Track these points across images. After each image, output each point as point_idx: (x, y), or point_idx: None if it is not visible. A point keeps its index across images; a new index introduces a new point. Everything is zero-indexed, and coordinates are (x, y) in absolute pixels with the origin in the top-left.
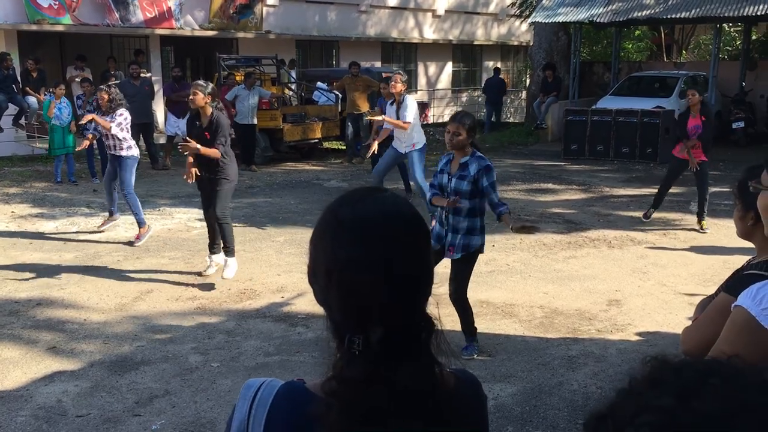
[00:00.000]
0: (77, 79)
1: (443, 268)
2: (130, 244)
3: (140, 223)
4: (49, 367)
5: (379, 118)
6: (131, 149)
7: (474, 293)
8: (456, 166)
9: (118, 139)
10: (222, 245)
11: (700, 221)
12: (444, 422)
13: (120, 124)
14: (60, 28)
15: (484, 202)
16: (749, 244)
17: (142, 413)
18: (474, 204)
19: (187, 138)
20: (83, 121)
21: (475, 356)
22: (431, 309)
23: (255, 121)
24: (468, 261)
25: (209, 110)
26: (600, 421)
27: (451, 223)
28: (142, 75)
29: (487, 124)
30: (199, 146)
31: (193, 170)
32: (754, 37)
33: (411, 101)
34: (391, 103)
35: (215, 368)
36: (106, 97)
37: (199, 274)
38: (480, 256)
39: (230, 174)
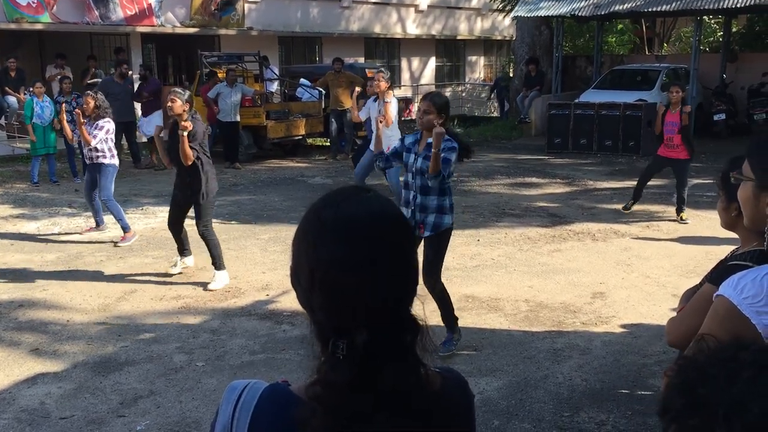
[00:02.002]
0: (59, 77)
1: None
2: (114, 244)
3: (125, 229)
4: (32, 369)
5: (361, 116)
6: (113, 158)
7: (459, 288)
8: (423, 146)
9: (99, 148)
10: (211, 261)
11: (679, 214)
12: (432, 423)
13: (103, 140)
14: (39, 26)
15: (449, 180)
16: (732, 235)
17: (126, 414)
18: (443, 183)
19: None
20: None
21: (454, 350)
22: (417, 308)
23: (238, 119)
24: (440, 241)
25: (185, 117)
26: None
27: (419, 202)
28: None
29: (505, 116)
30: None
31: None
32: (734, 30)
33: (394, 101)
34: (374, 100)
35: (200, 367)
36: (92, 103)
37: (166, 274)
38: (465, 250)
39: (209, 185)
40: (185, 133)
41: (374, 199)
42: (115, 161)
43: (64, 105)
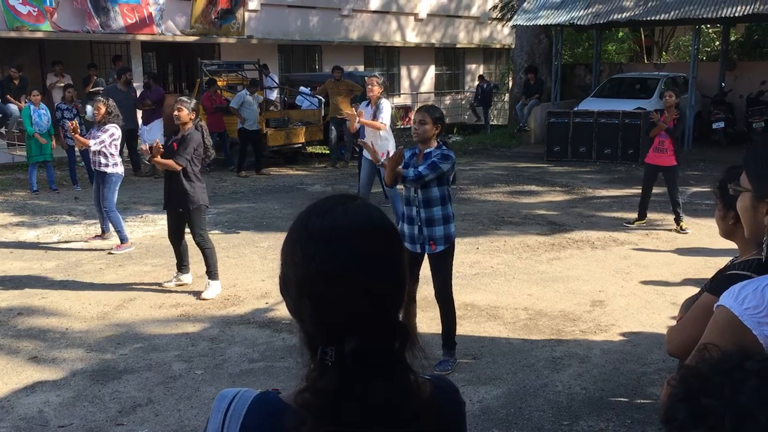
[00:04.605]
0: (59, 85)
1: (426, 270)
2: (109, 251)
3: (122, 240)
4: (31, 377)
5: (353, 114)
6: (117, 166)
7: (458, 296)
8: (420, 159)
9: (104, 154)
10: (205, 270)
11: (678, 223)
12: (421, 431)
13: (103, 141)
14: (40, 34)
15: (450, 187)
16: (731, 244)
17: (125, 422)
18: (443, 192)
19: (143, 148)
20: (70, 131)
21: (450, 371)
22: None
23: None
24: (450, 252)
25: (189, 125)
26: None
27: (424, 216)
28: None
29: (488, 127)
30: (148, 150)
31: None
32: (732, 38)
33: (387, 105)
34: (367, 104)
35: (199, 375)
36: (103, 109)
37: (160, 284)
38: (464, 258)
39: (197, 197)
40: (150, 157)
41: (361, 207)
42: (119, 170)
43: (75, 122)
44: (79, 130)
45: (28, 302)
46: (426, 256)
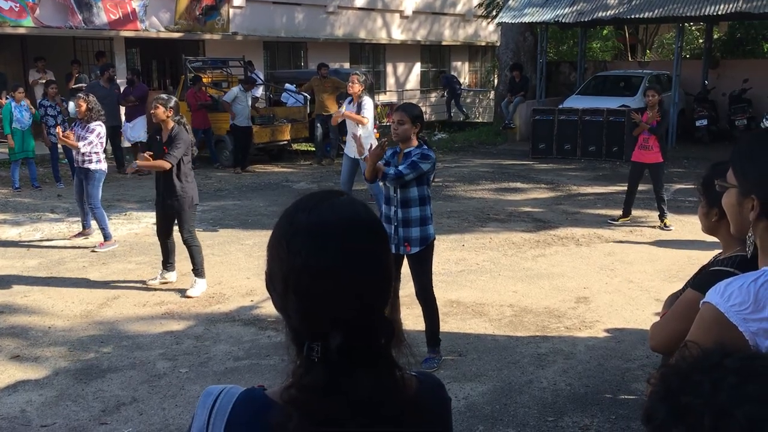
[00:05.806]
0: (41, 82)
1: (407, 267)
2: (92, 249)
3: (106, 237)
4: (13, 376)
5: (341, 110)
6: (100, 163)
7: (444, 293)
8: (401, 158)
9: (87, 152)
10: (192, 267)
11: (662, 220)
12: (406, 426)
13: (92, 143)
14: (22, 30)
15: (429, 188)
16: (714, 240)
17: (108, 421)
18: (422, 192)
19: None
20: (61, 138)
21: (436, 368)
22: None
23: (251, 123)
24: (427, 253)
25: (170, 124)
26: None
27: (401, 217)
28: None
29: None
30: (139, 162)
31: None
32: (715, 36)
33: (369, 102)
34: (350, 102)
35: (184, 374)
36: (84, 105)
37: (144, 282)
38: (450, 255)
39: (188, 194)
40: (137, 164)
41: (347, 203)
42: (102, 166)
43: (59, 128)
44: (72, 137)
45: (10, 300)
46: (405, 256)
